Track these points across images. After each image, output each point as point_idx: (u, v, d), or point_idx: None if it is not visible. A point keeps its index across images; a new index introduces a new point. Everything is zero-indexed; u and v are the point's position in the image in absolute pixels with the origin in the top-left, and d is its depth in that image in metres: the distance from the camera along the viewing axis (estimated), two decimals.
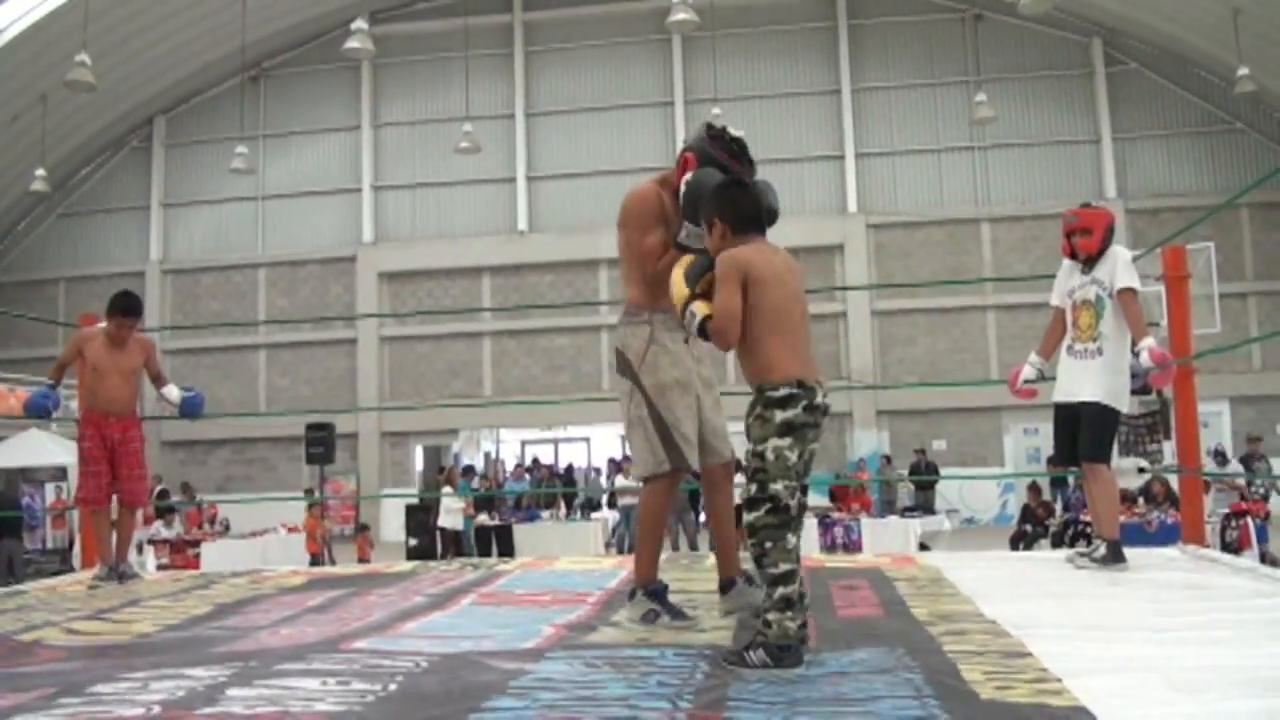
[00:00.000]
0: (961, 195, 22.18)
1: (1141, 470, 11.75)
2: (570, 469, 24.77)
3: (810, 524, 14.08)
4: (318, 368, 24.08)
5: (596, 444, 25.39)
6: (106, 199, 24.75)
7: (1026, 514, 13.47)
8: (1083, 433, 4.70)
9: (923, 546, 13.05)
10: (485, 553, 15.69)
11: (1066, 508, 13.11)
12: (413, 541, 16.88)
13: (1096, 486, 4.73)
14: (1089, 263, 4.83)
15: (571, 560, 5.66)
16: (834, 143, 22.62)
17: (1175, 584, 4.10)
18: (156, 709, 2.48)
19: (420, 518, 17.31)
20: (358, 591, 4.60)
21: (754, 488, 2.90)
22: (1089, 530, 11.01)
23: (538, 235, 23.34)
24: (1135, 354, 4.62)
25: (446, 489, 16.61)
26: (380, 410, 22.61)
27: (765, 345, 2.99)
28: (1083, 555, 4.69)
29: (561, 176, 23.54)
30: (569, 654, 2.99)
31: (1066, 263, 4.99)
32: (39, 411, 5.35)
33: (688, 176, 3.44)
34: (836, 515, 14.48)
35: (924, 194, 22.27)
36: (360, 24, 16.18)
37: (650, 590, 3.54)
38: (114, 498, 5.53)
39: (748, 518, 2.90)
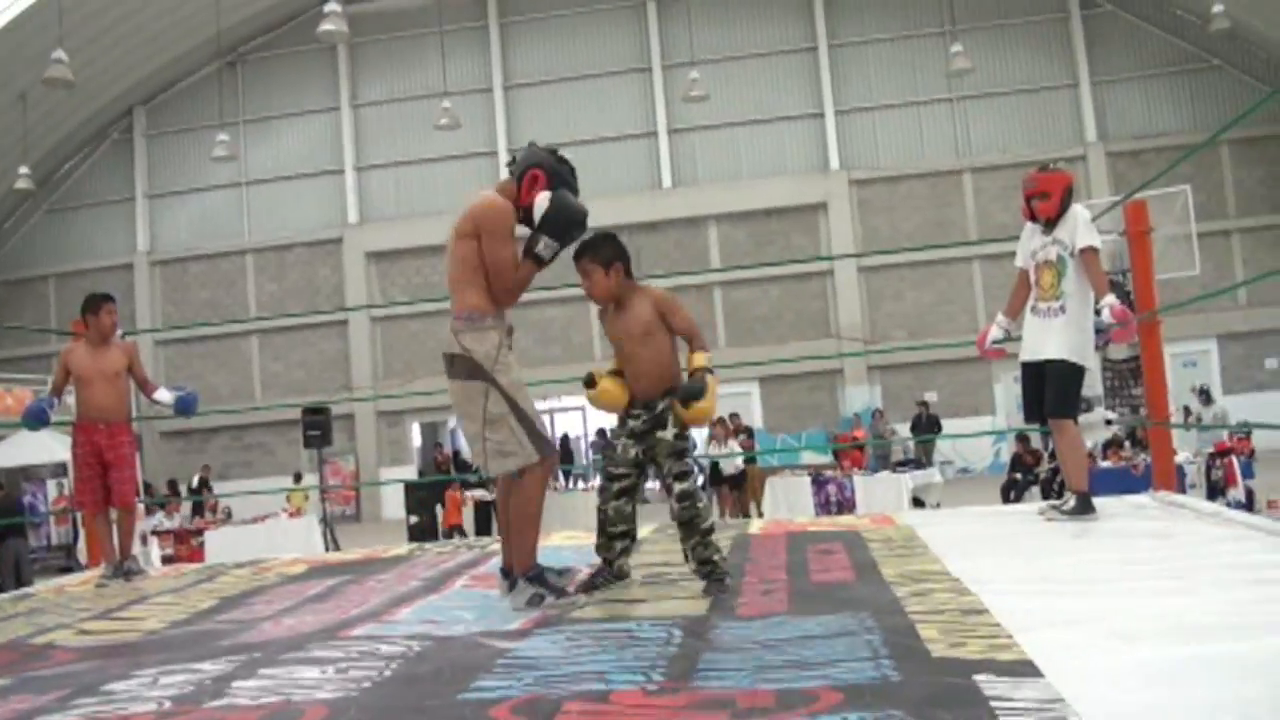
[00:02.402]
0: (942, 147, 22.26)
1: (1109, 422, 11.94)
2: (566, 439, 24.97)
3: (803, 483, 14.30)
4: (310, 351, 24.21)
5: (591, 414, 25.59)
6: (91, 193, 24.76)
7: (1016, 462, 13.67)
8: (1049, 389, 4.86)
9: (916, 501, 13.24)
10: (485, 530, 15.85)
11: (1054, 456, 13.28)
12: (413, 519, 17.07)
13: (1064, 441, 4.90)
14: (1049, 224, 4.97)
15: (564, 535, 5.82)
16: (813, 100, 22.65)
17: (1139, 533, 4.27)
18: (168, 704, 2.65)
19: (420, 496, 17.49)
20: (355, 579, 4.77)
21: (685, 464, 3.76)
22: None
23: None
24: (1098, 311, 4.77)
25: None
26: (375, 398, 22.73)
27: (677, 360, 3.86)
28: (1053, 508, 4.87)
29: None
30: (552, 631, 3.17)
31: (1029, 225, 5.13)
32: (36, 418, 5.49)
33: (553, 196, 3.72)
34: (829, 473, 14.64)
35: (905, 148, 22.34)
36: (334, 5, 16.15)
37: (531, 576, 3.69)
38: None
39: (683, 486, 3.68)
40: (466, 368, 3.67)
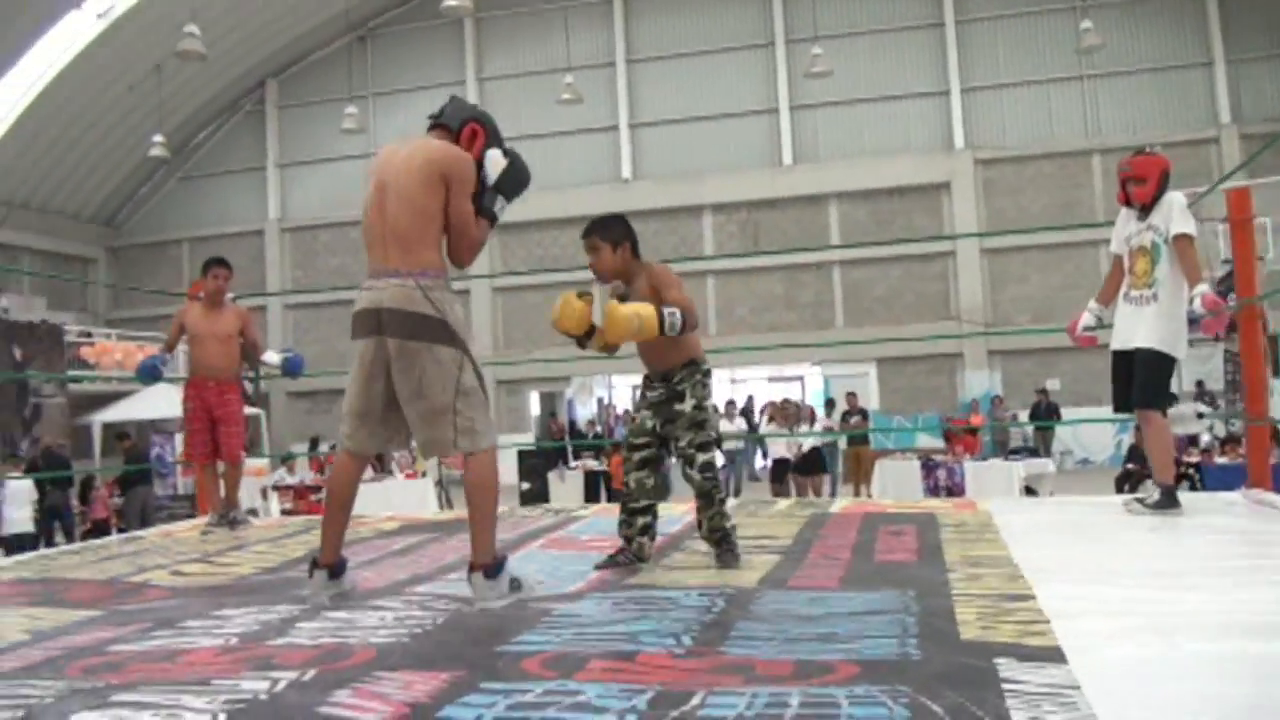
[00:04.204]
0: (1071, 127, 21.52)
1: (1201, 416, 11.45)
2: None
3: (913, 466, 14.13)
4: None
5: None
6: (224, 161, 25.77)
7: (1133, 453, 13.24)
8: (1136, 379, 4.74)
9: (1029, 490, 12.95)
10: (593, 499, 16.11)
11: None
12: (525, 485, 17.45)
13: (1150, 433, 4.78)
14: (1145, 210, 4.84)
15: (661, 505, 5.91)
16: (939, 78, 22.16)
17: (1216, 529, 4.16)
18: (234, 640, 2.84)
19: (532, 462, 17.86)
20: (439, 537, 4.96)
21: (708, 434, 3.81)
22: (1190, 471, 10.88)
23: (641, 183, 23.52)
24: (1191, 300, 4.63)
25: None
26: (495, 364, 23.19)
27: (692, 335, 3.82)
28: (1137, 500, 4.75)
29: (663, 123, 23.61)
30: (603, 595, 3.27)
31: (1124, 210, 5.00)
32: (149, 374, 5.83)
33: (512, 155, 3.53)
34: (939, 458, 14.44)
35: (1032, 127, 21.68)
36: None
37: (501, 563, 3.31)
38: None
39: (705, 457, 3.74)
40: (440, 332, 3.28)
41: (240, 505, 6.14)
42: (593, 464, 16.92)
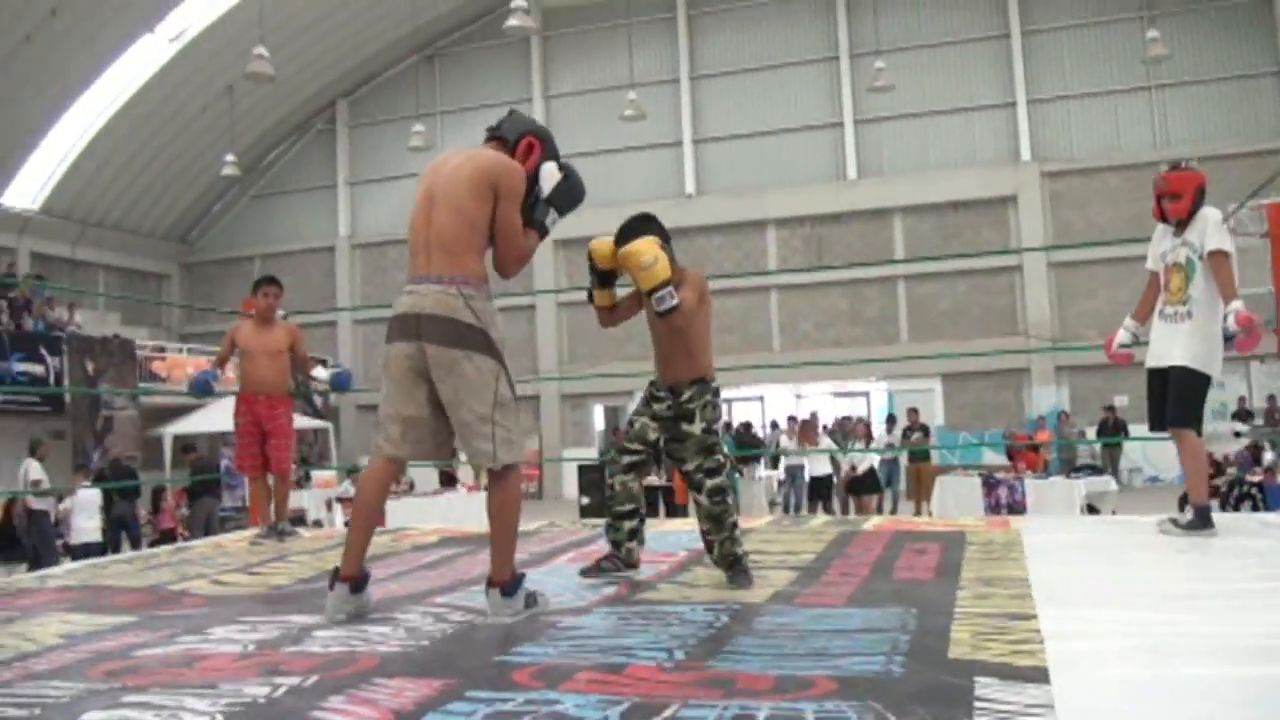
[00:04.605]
0: (1139, 138, 21.11)
1: (1238, 434, 11.13)
2: (749, 426, 25.01)
3: (974, 483, 13.96)
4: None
5: (770, 402, 25.64)
6: (295, 180, 26.36)
7: None
8: (1170, 397, 4.68)
9: (1091, 508, 12.73)
10: (654, 513, 16.16)
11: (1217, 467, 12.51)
12: (585, 500, 17.57)
13: (1184, 452, 4.71)
14: (1180, 226, 4.79)
15: (683, 521, 5.98)
16: (1004, 89, 21.89)
17: (1247, 551, 4.08)
18: (252, 647, 2.96)
19: (593, 476, 17.98)
20: (471, 551, 5.05)
21: (717, 459, 3.74)
22: (1253, 491, 10.61)
23: (705, 197, 23.57)
24: (1224, 317, 4.56)
25: None
26: (561, 379, 23.40)
27: (709, 349, 3.82)
28: (1171, 521, 4.69)
29: (727, 138, 23.66)
30: (611, 609, 3.34)
31: (1160, 226, 4.96)
32: (201, 389, 6.02)
33: (567, 169, 3.57)
34: (1001, 475, 14.25)
35: (1099, 139, 21.30)
36: (519, 2, 16.71)
37: (519, 580, 3.34)
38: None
39: (715, 482, 3.73)
40: (481, 341, 3.26)
41: (288, 517, 6.30)
42: (651, 479, 16.95)
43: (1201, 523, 4.53)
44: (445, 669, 2.57)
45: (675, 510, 15.97)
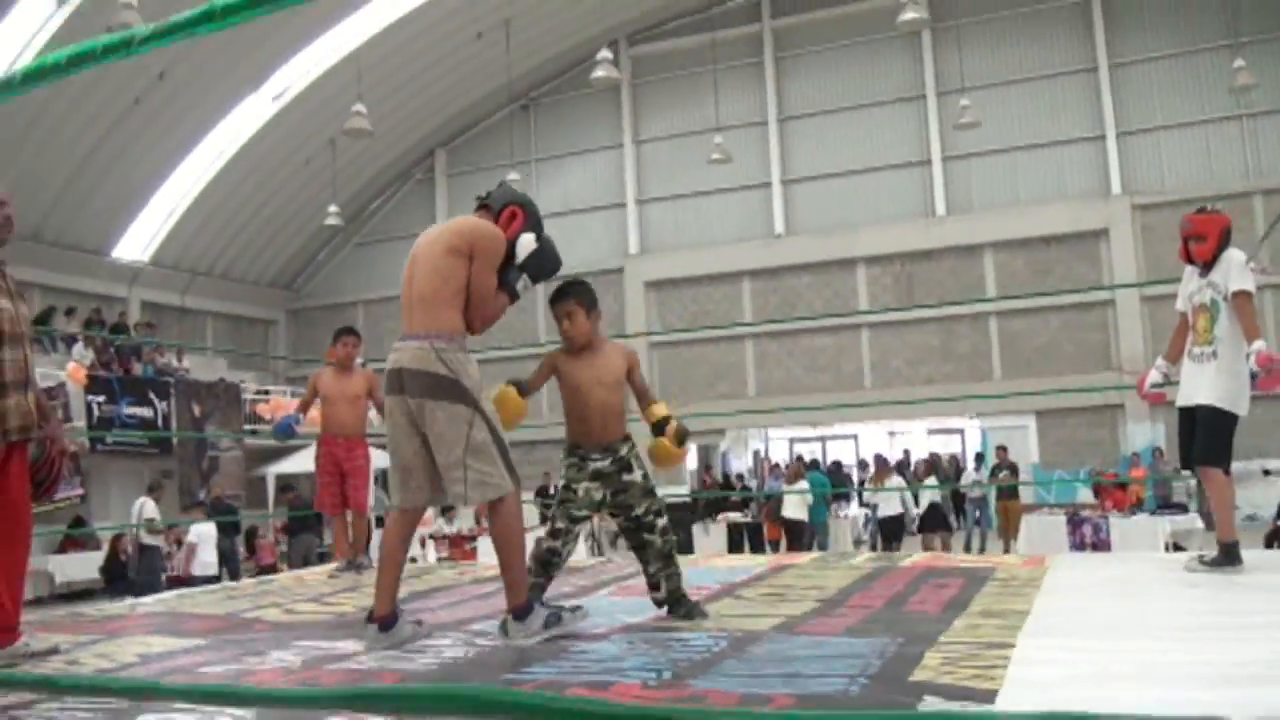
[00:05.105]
0: (1230, 168, 20.65)
1: (1268, 473, 10.81)
2: (839, 466, 24.99)
3: (1059, 521, 13.84)
4: None
5: (864, 441, 25.60)
6: (396, 227, 27.29)
7: None
8: (1197, 436, 4.78)
9: (1176, 546, 12.52)
10: (736, 549, 16.27)
11: None
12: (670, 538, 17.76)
13: (1212, 490, 4.80)
14: (1206, 267, 4.91)
15: (736, 557, 6.21)
16: (1093, 122, 21.67)
17: (1266, 587, 4.16)
18: (298, 664, 3.31)
19: (678, 515, 18.20)
20: None
21: (660, 501, 4.07)
22: None
23: (794, 238, 23.75)
24: (1247, 356, 4.67)
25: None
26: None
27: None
28: (1198, 559, 4.77)
29: (815, 178, 23.83)
30: (624, 635, 3.61)
31: (1188, 268, 5.07)
32: (284, 432, 6.48)
33: (542, 239, 3.88)
34: (1086, 513, 14.10)
35: (1190, 170, 20.91)
36: (605, 54, 17.29)
37: (531, 605, 3.60)
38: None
39: (664, 521, 4.04)
40: (452, 390, 3.55)
41: (366, 551, 6.72)
42: (735, 516, 17.12)
43: (1228, 559, 4.61)
44: (450, 685, 2.88)
45: (758, 547, 16.13)
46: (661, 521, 4.04)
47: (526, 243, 3.84)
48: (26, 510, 3.66)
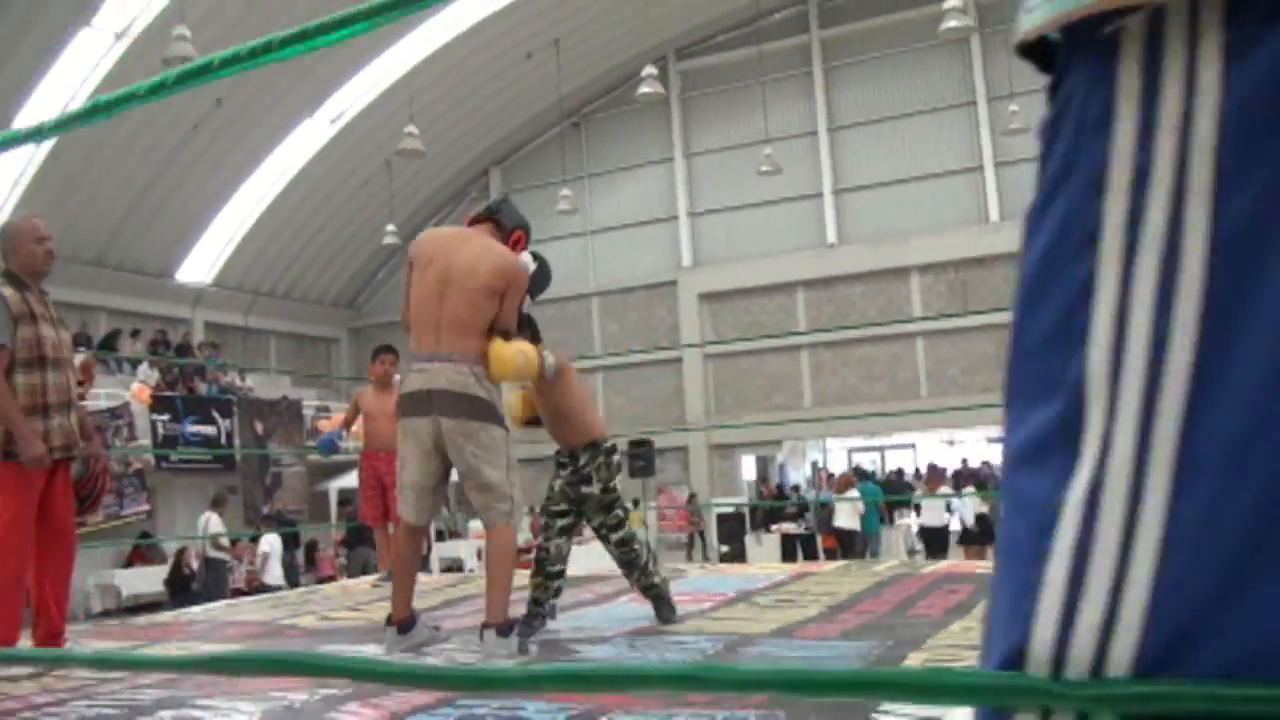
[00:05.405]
0: None
1: None
2: (900, 473, 24.85)
3: None
4: (649, 386, 25.68)
5: (922, 450, 25.44)
6: None
7: None
8: None
9: None
10: (790, 559, 16.33)
11: None
12: (724, 548, 17.89)
13: None
14: None
15: (762, 566, 6.34)
16: None
17: None
18: None
19: (732, 525, 18.31)
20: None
21: (618, 514, 4.14)
22: None
23: (847, 247, 23.75)
24: None
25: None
26: (706, 429, 23.82)
27: (588, 412, 4.34)
28: None
29: (866, 187, 23.82)
30: (628, 639, 3.77)
31: None
32: (328, 448, 6.74)
33: (541, 261, 4.15)
34: None
35: None
36: (650, 70, 17.51)
37: (513, 624, 3.70)
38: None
39: (618, 535, 4.12)
40: (491, 414, 3.71)
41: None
42: (790, 527, 17.14)
43: None
44: None
45: (811, 557, 16.13)
46: (616, 535, 4.17)
47: (526, 262, 4.05)
48: (71, 524, 3.92)
